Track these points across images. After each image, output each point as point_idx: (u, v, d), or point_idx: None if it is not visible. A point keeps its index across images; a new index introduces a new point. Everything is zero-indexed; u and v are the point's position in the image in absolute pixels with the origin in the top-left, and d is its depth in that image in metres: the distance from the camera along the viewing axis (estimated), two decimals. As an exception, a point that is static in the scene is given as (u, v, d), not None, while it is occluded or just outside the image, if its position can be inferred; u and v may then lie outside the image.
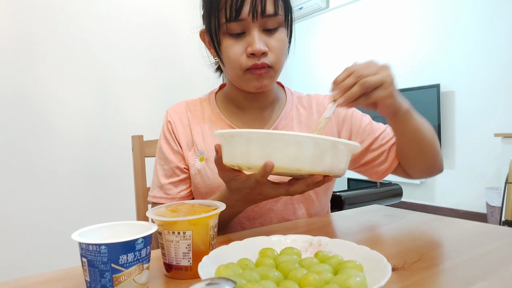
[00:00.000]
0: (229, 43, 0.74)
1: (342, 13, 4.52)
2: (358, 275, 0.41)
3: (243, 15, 0.71)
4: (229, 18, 0.71)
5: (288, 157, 0.52)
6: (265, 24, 0.73)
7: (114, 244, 0.43)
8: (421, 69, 3.74)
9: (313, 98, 0.92)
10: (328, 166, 0.53)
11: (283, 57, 0.77)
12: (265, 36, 0.74)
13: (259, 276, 0.43)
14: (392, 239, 0.67)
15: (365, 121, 0.88)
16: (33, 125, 1.77)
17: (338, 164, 0.54)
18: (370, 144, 0.85)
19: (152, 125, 1.97)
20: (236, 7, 0.70)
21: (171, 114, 0.88)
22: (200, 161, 0.82)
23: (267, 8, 0.71)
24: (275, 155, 0.52)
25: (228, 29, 0.73)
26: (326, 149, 0.52)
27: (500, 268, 0.51)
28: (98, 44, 1.95)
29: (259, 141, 0.53)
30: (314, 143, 0.51)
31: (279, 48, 0.75)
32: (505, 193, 2.31)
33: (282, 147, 0.52)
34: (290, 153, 0.52)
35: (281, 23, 0.75)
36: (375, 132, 0.86)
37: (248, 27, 0.72)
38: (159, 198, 0.84)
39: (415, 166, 0.82)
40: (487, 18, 3.28)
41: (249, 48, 0.72)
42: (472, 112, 3.41)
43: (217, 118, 0.86)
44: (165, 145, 0.86)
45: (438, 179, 3.67)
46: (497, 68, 3.23)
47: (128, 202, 1.51)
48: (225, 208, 0.65)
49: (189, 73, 2.22)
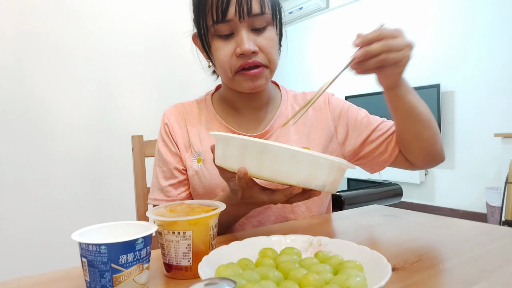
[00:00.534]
0: (218, 45, 0.74)
1: (342, 13, 4.52)
2: (358, 275, 0.41)
3: (230, 15, 0.71)
4: (216, 20, 0.71)
5: (262, 166, 0.52)
6: (253, 23, 0.73)
7: (114, 244, 0.43)
8: (421, 69, 3.74)
9: (309, 96, 0.92)
10: (302, 179, 0.52)
11: (275, 56, 0.77)
12: (254, 35, 0.73)
13: (259, 276, 0.43)
14: (392, 239, 0.67)
15: (361, 114, 0.87)
16: (33, 125, 1.77)
17: (315, 179, 0.52)
18: (368, 136, 0.84)
19: (152, 125, 1.97)
20: (222, 8, 0.70)
21: (168, 116, 0.88)
22: (197, 162, 0.82)
23: (253, 8, 0.71)
24: (250, 162, 0.52)
25: (216, 31, 0.73)
26: (302, 161, 0.51)
27: (500, 268, 0.51)
28: (98, 45, 1.95)
29: (237, 146, 0.53)
30: (290, 155, 0.50)
31: (269, 47, 0.75)
32: (505, 193, 2.31)
33: (256, 155, 0.51)
34: (264, 162, 0.51)
35: (269, 21, 0.74)
36: (373, 124, 0.85)
37: (236, 27, 0.72)
38: (159, 200, 0.84)
39: (414, 151, 0.80)
40: (487, 18, 3.28)
41: (238, 48, 0.72)
42: (472, 112, 3.41)
43: (213, 119, 0.86)
44: (163, 147, 0.86)
45: (438, 179, 3.67)
46: (497, 68, 3.23)
47: (128, 202, 1.51)
48: (231, 208, 0.66)
49: (188, 73, 2.22)
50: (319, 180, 0.53)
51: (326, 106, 0.89)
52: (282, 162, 0.51)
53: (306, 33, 4.97)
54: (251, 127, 0.86)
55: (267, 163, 0.52)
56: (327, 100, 0.90)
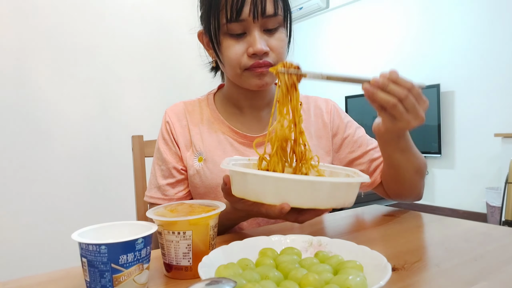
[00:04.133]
0: (229, 43, 0.74)
1: (342, 13, 4.52)
2: (358, 275, 0.41)
3: (244, 15, 0.71)
4: (229, 19, 0.71)
5: (303, 198, 0.53)
6: (266, 24, 0.73)
7: (114, 244, 0.43)
8: (421, 69, 3.74)
9: (311, 101, 0.93)
10: (342, 202, 0.55)
11: (284, 57, 0.78)
12: (266, 36, 0.74)
13: (259, 276, 0.43)
14: (392, 239, 0.67)
15: (358, 133, 0.89)
16: (34, 125, 1.77)
17: (350, 198, 0.56)
18: (359, 157, 0.87)
19: (152, 125, 1.97)
20: (236, 7, 0.70)
21: (169, 114, 0.88)
22: (198, 161, 0.82)
23: (267, 9, 0.72)
24: (291, 196, 0.53)
25: (228, 30, 0.73)
26: (341, 188, 0.54)
27: (500, 268, 0.51)
28: (98, 45, 1.95)
29: (275, 183, 0.53)
30: (331, 185, 0.53)
31: (280, 48, 0.76)
32: (505, 193, 2.31)
33: (297, 190, 0.53)
34: (306, 195, 0.53)
35: (280, 23, 0.75)
36: (367, 146, 0.87)
37: (249, 27, 0.73)
38: (156, 198, 0.84)
39: (392, 190, 0.84)
40: (488, 18, 3.28)
41: (251, 48, 0.73)
42: (472, 112, 3.41)
43: (215, 119, 0.86)
44: (163, 146, 0.86)
45: (438, 179, 3.67)
46: (497, 68, 3.23)
47: (128, 202, 1.51)
48: (226, 220, 0.69)
49: (188, 73, 2.22)
50: (352, 197, 0.56)
51: (328, 115, 0.90)
52: (324, 192, 0.53)
53: (306, 33, 4.97)
54: (253, 127, 0.86)
55: (310, 195, 0.53)
56: (329, 109, 0.91)
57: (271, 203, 0.54)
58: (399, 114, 0.62)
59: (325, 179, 0.54)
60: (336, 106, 0.94)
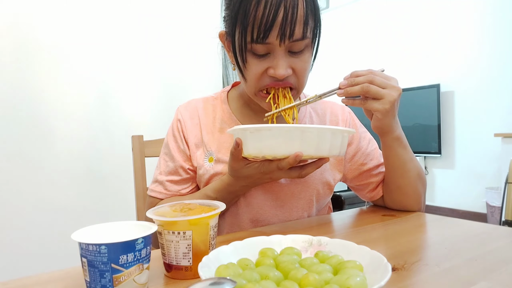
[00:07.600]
0: (251, 61, 0.71)
1: (342, 13, 4.52)
2: (358, 275, 0.41)
3: (271, 39, 0.67)
4: (256, 39, 0.67)
5: (312, 147, 0.61)
6: (292, 47, 0.69)
7: (114, 244, 0.43)
8: (421, 69, 3.74)
9: (328, 106, 0.92)
10: (338, 150, 0.65)
11: (305, 79, 0.75)
12: (290, 57, 0.71)
13: (259, 276, 0.43)
14: (392, 239, 0.67)
15: (372, 145, 0.90)
16: (33, 125, 1.76)
17: (344, 148, 0.67)
18: (371, 169, 0.88)
19: (152, 125, 1.97)
20: (265, 28, 0.66)
21: (182, 112, 0.86)
22: (209, 161, 0.81)
23: (295, 33, 0.67)
24: (302, 146, 0.60)
25: (252, 49, 0.69)
26: (339, 136, 0.64)
27: (500, 268, 0.51)
28: (98, 45, 1.95)
29: (288, 134, 0.60)
30: (332, 133, 0.62)
31: (303, 70, 0.73)
32: (505, 193, 2.31)
33: (308, 139, 0.60)
34: (314, 144, 0.61)
35: (308, 44, 0.71)
36: (379, 160, 0.89)
37: (274, 49, 0.69)
38: (157, 192, 0.83)
39: (393, 199, 0.86)
40: (488, 18, 3.28)
41: (272, 70, 0.70)
42: (472, 112, 3.41)
43: (228, 119, 0.85)
44: (172, 143, 0.85)
45: (438, 179, 3.67)
46: (497, 68, 3.23)
47: (128, 202, 1.51)
48: (227, 193, 0.73)
49: (189, 73, 2.22)
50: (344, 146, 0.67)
51: (344, 123, 0.90)
52: (327, 140, 0.62)
53: (306, 33, 4.97)
54: None
55: (316, 144, 0.61)
56: (345, 117, 0.91)
57: (284, 155, 0.61)
58: (376, 92, 0.69)
59: (339, 128, 0.64)
60: (352, 115, 0.93)
